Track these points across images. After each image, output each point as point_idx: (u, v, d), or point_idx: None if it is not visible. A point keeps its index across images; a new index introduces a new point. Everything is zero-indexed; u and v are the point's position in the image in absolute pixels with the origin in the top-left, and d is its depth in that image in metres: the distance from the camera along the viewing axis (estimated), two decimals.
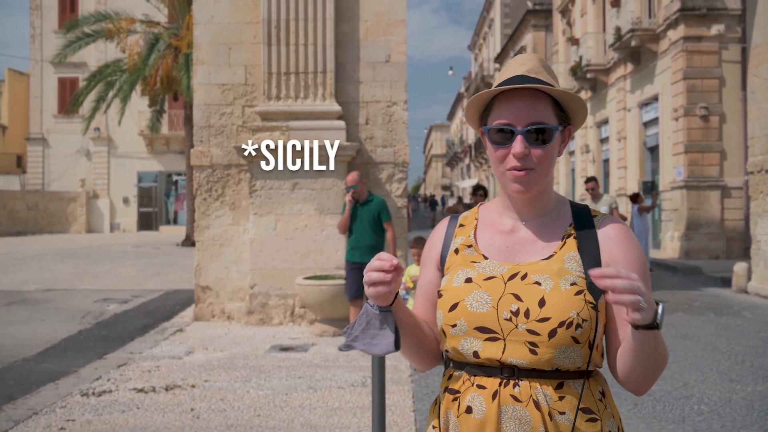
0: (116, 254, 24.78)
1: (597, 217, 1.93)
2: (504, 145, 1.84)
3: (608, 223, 1.91)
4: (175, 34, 27.48)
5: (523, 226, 1.93)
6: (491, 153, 1.88)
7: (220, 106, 10.99)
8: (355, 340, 1.83)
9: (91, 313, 11.95)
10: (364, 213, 8.93)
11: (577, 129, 1.97)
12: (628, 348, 1.74)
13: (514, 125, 1.82)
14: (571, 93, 1.87)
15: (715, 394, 6.62)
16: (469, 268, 1.89)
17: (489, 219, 2.00)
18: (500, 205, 1.99)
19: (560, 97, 1.87)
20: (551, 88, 1.83)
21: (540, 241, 1.90)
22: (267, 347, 8.95)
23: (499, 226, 1.96)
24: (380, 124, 10.94)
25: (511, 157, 1.83)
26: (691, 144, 20.32)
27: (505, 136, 1.84)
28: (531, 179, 1.83)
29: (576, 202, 2.00)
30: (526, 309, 1.77)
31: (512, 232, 1.93)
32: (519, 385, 1.76)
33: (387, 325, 1.82)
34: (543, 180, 1.87)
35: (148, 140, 42.00)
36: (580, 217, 1.93)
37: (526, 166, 1.82)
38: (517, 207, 1.94)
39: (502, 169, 1.86)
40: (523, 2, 45.42)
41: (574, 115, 1.93)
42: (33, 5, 43.84)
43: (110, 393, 6.83)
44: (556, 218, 1.94)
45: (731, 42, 20.36)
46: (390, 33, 10.93)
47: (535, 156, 1.82)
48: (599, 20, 29.09)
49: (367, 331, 1.82)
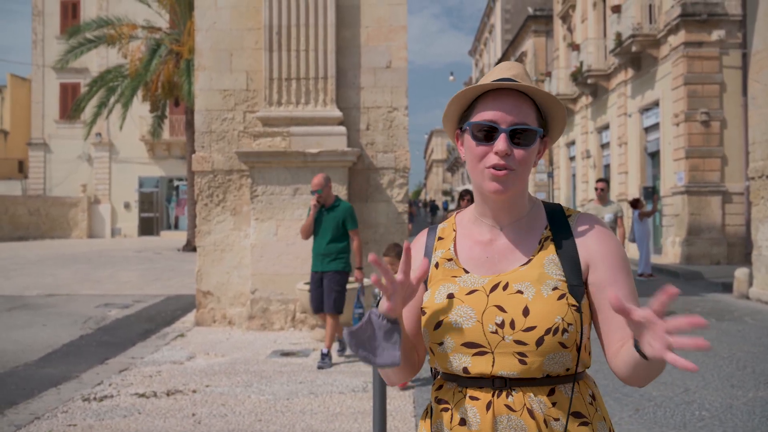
0: (117, 259, 24.79)
1: (571, 216, 1.92)
2: (485, 143, 1.82)
3: (582, 220, 1.91)
4: (176, 40, 27.54)
5: (501, 233, 1.90)
6: (470, 150, 1.85)
7: (221, 111, 11.01)
8: (358, 347, 1.79)
9: (92, 318, 11.96)
10: (328, 219, 8.49)
11: (553, 143, 1.96)
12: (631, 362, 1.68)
13: (498, 123, 1.81)
14: (554, 97, 1.86)
15: (717, 400, 6.62)
16: (450, 283, 1.87)
17: (467, 229, 1.97)
18: (475, 211, 1.96)
19: (545, 102, 1.87)
20: (539, 90, 1.82)
21: (517, 247, 1.88)
22: (268, 352, 8.95)
23: (477, 236, 1.93)
24: (381, 129, 10.96)
25: (491, 155, 1.80)
26: (691, 149, 20.32)
27: (488, 133, 1.82)
28: (510, 179, 1.80)
29: (549, 202, 1.98)
30: (511, 320, 1.75)
31: (491, 242, 1.91)
32: (512, 395, 1.76)
33: (392, 337, 1.79)
34: (521, 183, 1.85)
35: (150, 145, 42.04)
36: (555, 219, 1.92)
37: (507, 166, 1.79)
38: (493, 212, 1.91)
39: (481, 167, 1.83)
40: (523, 8, 45.49)
41: (553, 125, 1.92)
42: (35, 11, 43.94)
43: (112, 398, 6.84)
44: (532, 221, 1.92)
45: (732, 47, 20.37)
46: (391, 39, 10.96)
47: (517, 156, 1.80)
48: (600, 26, 29.13)
49: (371, 341, 1.79)
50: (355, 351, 1.79)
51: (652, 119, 23.74)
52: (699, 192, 20.19)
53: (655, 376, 1.74)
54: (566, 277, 1.81)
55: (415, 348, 1.99)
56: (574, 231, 1.89)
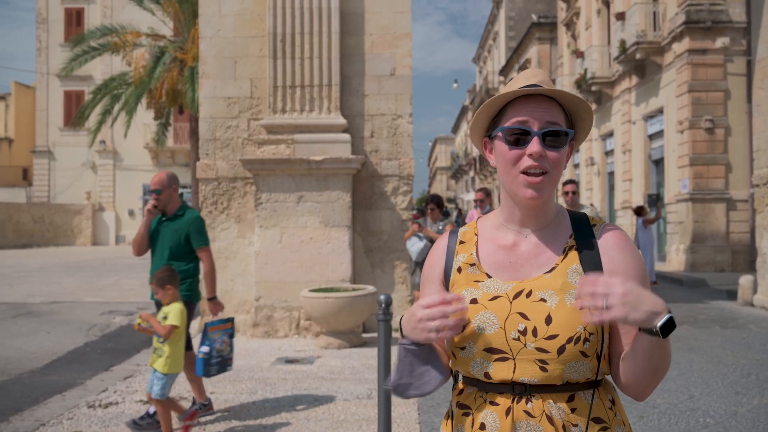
0: (122, 267, 24.82)
1: (596, 226, 1.93)
2: (518, 147, 1.83)
3: (607, 230, 1.91)
4: (180, 48, 27.58)
5: (525, 239, 1.92)
6: (503, 154, 1.86)
7: (225, 119, 11.03)
8: (407, 389, 1.81)
9: (97, 326, 11.98)
10: (168, 231, 6.45)
11: (579, 144, 1.98)
12: (630, 352, 1.75)
13: (530, 126, 1.82)
14: (583, 100, 1.88)
15: (721, 407, 6.61)
16: (474, 288, 1.88)
17: (489, 233, 1.98)
18: (500, 217, 1.98)
19: (573, 105, 1.89)
20: (568, 93, 1.84)
21: (542, 254, 1.89)
22: (272, 359, 8.96)
23: (501, 240, 1.95)
24: (385, 136, 10.97)
25: (525, 158, 1.82)
26: (696, 156, 20.32)
27: (520, 137, 1.83)
28: (544, 184, 1.82)
29: (574, 211, 1.99)
30: (534, 327, 1.77)
31: (514, 247, 1.92)
32: (532, 401, 1.78)
33: (430, 357, 1.81)
34: (554, 186, 1.86)
35: (154, 153, 42.17)
36: (580, 228, 1.93)
37: (542, 167, 1.81)
38: (519, 218, 1.93)
39: (515, 172, 1.84)
40: (527, 15, 45.56)
41: (580, 127, 1.94)
42: (39, 19, 44.11)
43: (117, 405, 6.85)
44: (557, 229, 1.93)
45: (736, 55, 20.38)
46: (395, 46, 10.98)
47: (550, 158, 1.82)
48: (604, 33, 29.15)
49: (413, 372, 1.82)
50: (403, 392, 1.81)
51: (656, 126, 23.75)
52: (703, 199, 20.17)
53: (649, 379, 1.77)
54: None
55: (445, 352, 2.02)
56: (599, 241, 1.90)
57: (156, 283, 5.74)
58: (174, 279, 5.77)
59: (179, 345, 5.72)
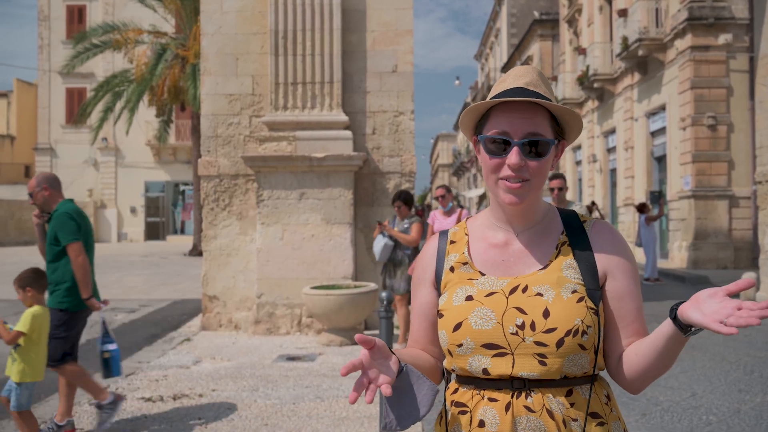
0: (124, 264, 24.83)
1: (587, 222, 1.95)
2: (499, 155, 1.83)
3: (598, 227, 1.93)
4: (182, 45, 27.60)
5: (516, 237, 1.92)
6: (485, 161, 1.86)
7: (227, 116, 11.02)
8: (403, 420, 1.78)
9: (98, 323, 11.95)
10: (49, 233, 6.10)
11: (570, 144, 1.98)
12: (653, 350, 1.75)
13: (510, 136, 1.81)
14: (569, 109, 1.87)
15: (724, 404, 6.59)
16: (468, 286, 1.88)
17: (480, 233, 1.99)
18: (491, 217, 1.98)
19: (558, 112, 1.88)
20: (550, 104, 1.82)
21: (534, 251, 1.90)
22: (274, 357, 8.95)
23: (492, 239, 1.95)
24: (387, 133, 10.95)
25: (506, 166, 1.82)
26: (698, 153, 20.29)
27: (501, 146, 1.83)
28: (524, 191, 1.83)
29: (563, 209, 2.01)
30: (532, 321, 1.77)
31: (506, 245, 1.92)
32: (531, 396, 1.77)
33: (411, 378, 1.79)
34: (536, 191, 1.86)
35: (156, 150, 42.19)
36: (571, 224, 1.94)
37: (521, 177, 1.81)
38: (508, 218, 1.93)
39: (495, 178, 1.85)
40: (529, 12, 45.50)
41: (568, 130, 1.93)
42: (41, 16, 44.11)
43: None
44: (548, 227, 1.94)
45: (739, 51, 20.34)
46: (397, 43, 10.96)
47: (531, 167, 1.82)
48: (606, 30, 29.11)
49: (402, 403, 1.78)
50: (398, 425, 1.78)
51: (658, 123, 23.72)
52: (706, 196, 20.15)
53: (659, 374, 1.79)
54: (584, 281, 1.83)
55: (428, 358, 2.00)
56: (591, 237, 1.91)
57: (16, 283, 5.46)
58: (37, 282, 5.49)
59: (33, 353, 5.41)
